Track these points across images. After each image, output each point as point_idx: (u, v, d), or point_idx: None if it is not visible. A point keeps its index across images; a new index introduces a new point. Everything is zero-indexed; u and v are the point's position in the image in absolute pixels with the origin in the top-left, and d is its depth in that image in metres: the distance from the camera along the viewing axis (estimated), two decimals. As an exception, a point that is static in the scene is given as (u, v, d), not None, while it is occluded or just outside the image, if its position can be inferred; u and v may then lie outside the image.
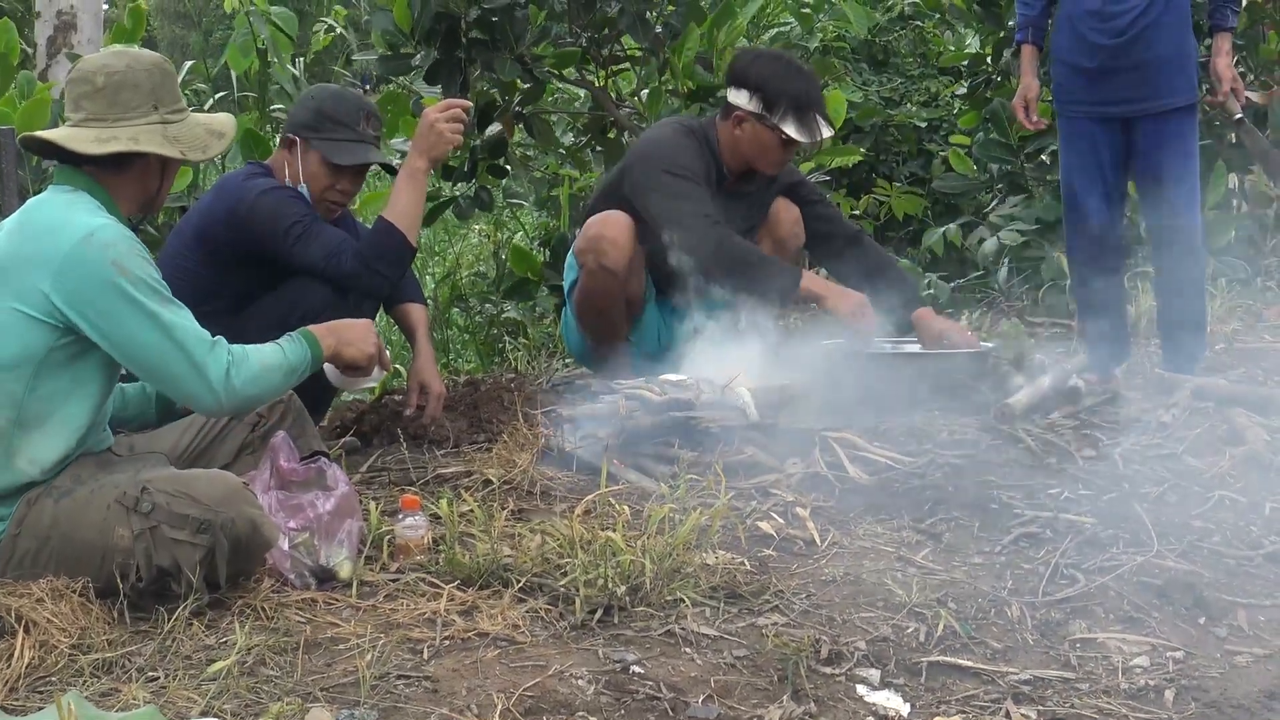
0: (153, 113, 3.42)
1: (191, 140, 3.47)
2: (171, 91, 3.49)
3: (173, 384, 3.33)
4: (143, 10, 6.69)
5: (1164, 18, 5.05)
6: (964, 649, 3.17)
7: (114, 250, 3.24)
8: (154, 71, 3.46)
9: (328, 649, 3.04)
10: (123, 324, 3.24)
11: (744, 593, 3.34)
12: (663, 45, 6.56)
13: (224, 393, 3.31)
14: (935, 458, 4.18)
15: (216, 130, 3.56)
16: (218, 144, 3.56)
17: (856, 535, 3.75)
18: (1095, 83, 5.12)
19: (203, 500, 3.19)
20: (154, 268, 3.33)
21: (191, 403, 3.38)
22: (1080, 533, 3.73)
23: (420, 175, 4.41)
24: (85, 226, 3.26)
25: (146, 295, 3.25)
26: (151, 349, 3.26)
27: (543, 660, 2.98)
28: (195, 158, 3.51)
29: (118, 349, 3.27)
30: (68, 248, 3.23)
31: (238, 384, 3.32)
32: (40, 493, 3.31)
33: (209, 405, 3.36)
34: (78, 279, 3.22)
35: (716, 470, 3.93)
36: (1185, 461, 4.26)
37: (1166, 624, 3.35)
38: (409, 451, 4.34)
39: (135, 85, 3.42)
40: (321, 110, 4.50)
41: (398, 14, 6.29)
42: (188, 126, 3.48)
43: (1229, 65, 5.23)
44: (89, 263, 3.22)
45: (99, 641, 3.03)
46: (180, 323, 3.29)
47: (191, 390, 3.32)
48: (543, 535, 3.49)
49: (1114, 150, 5.16)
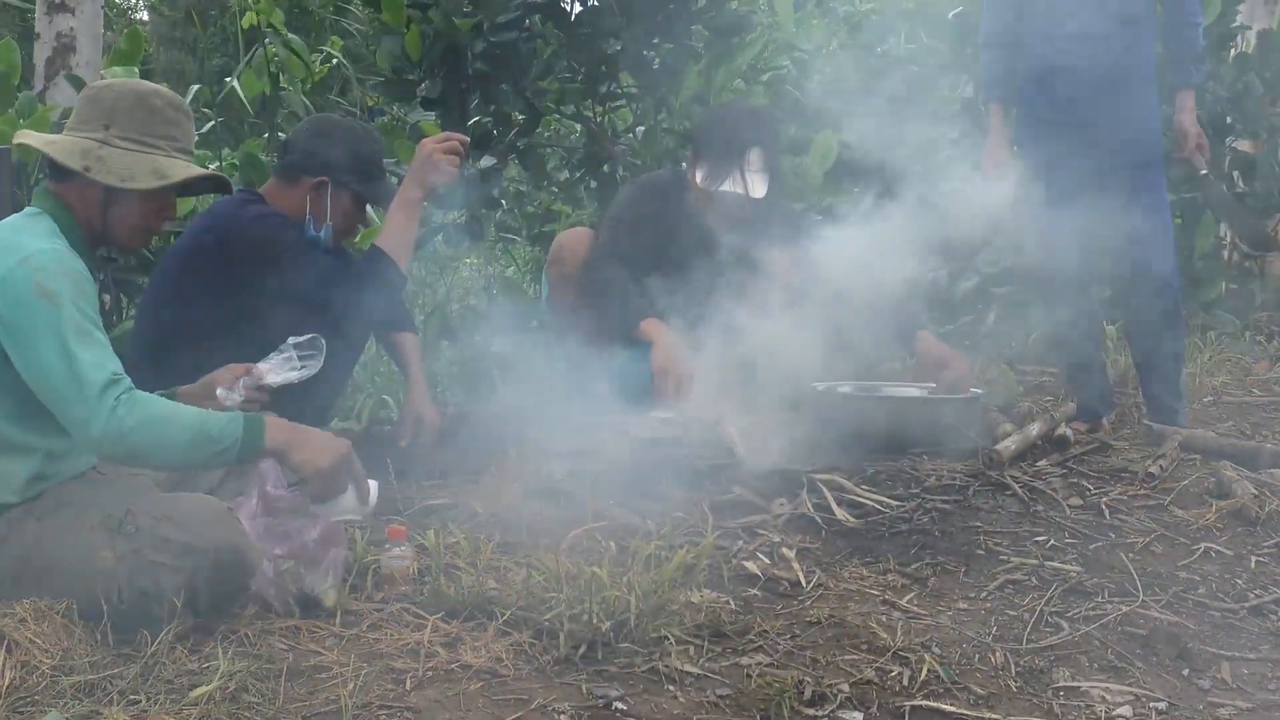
0: (99, 130, 3.42)
1: (119, 167, 3.39)
2: (138, 121, 3.44)
3: (60, 408, 3.21)
4: (140, 34, 6.69)
5: (1130, 75, 5.09)
6: (947, 694, 3.17)
7: (43, 274, 3.21)
8: (125, 96, 3.46)
9: (310, 677, 3.02)
10: (31, 344, 3.19)
11: (728, 632, 3.33)
12: (661, 84, 6.59)
13: (105, 427, 3.17)
14: (922, 502, 4.19)
15: (163, 172, 3.43)
16: (148, 180, 3.41)
17: (842, 577, 3.75)
18: (1064, 135, 5.15)
19: (187, 524, 3.17)
20: (88, 300, 3.27)
21: (73, 430, 3.23)
22: (1066, 581, 3.73)
23: (414, 205, 4.42)
24: (26, 249, 3.25)
25: (62, 322, 3.18)
26: (48, 372, 3.19)
27: (525, 694, 2.97)
28: (101, 178, 3.38)
29: (23, 368, 3.22)
30: (4, 271, 3.22)
31: (127, 423, 3.18)
32: (23, 512, 3.29)
33: (88, 435, 3.20)
34: (7, 300, 3.21)
35: (703, 509, 3.93)
36: (1172, 513, 4.27)
37: (1150, 674, 3.35)
38: (396, 481, 4.33)
39: (96, 101, 3.46)
40: (358, 153, 4.50)
41: (409, 43, 6.30)
42: (132, 156, 3.41)
43: (1193, 122, 5.26)
44: (17, 283, 3.20)
45: (81, 663, 3.01)
46: (84, 355, 3.19)
47: (75, 416, 3.19)
48: (528, 569, 3.49)
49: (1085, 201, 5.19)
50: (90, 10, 7.79)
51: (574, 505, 4.11)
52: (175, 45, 15.18)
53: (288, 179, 4.54)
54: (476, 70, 6.29)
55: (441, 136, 4.51)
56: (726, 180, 5.00)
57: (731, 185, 5.01)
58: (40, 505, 3.31)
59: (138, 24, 16.05)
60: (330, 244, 4.49)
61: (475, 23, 6.17)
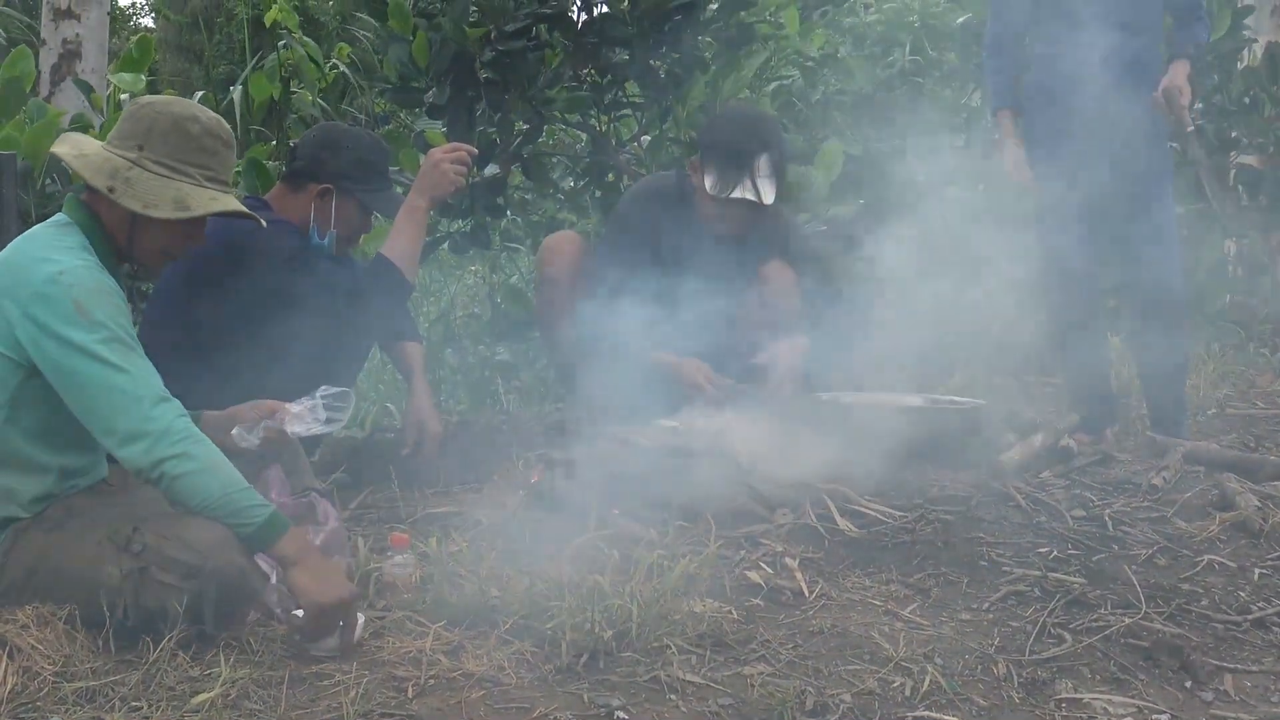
0: (132, 149, 3.38)
1: (143, 190, 3.35)
2: (172, 145, 3.39)
3: (101, 432, 3.19)
4: (151, 41, 6.71)
5: (1138, 86, 5.09)
6: (949, 705, 3.16)
7: (79, 290, 3.19)
8: (162, 118, 3.41)
9: (312, 684, 3.03)
10: (72, 364, 3.17)
11: (730, 641, 3.33)
12: (667, 93, 6.59)
13: (150, 450, 3.15)
14: (926, 513, 4.19)
15: (185, 203, 3.38)
16: (168, 210, 3.36)
17: (845, 588, 3.75)
18: (1070, 146, 5.15)
19: (194, 545, 3.15)
20: (123, 314, 3.26)
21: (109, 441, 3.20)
22: (1068, 593, 3.73)
23: (420, 214, 4.42)
24: (57, 265, 3.23)
25: (102, 339, 3.17)
26: (92, 394, 3.17)
27: (527, 703, 2.98)
28: (122, 200, 3.33)
29: (63, 389, 3.19)
30: (37, 284, 3.20)
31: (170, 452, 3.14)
32: (30, 523, 3.30)
33: (131, 456, 3.18)
34: (43, 317, 3.18)
35: (706, 518, 3.93)
36: (1175, 525, 4.26)
37: (1153, 686, 3.35)
38: (400, 489, 4.33)
39: (136, 119, 3.42)
40: (364, 161, 4.50)
41: (416, 49, 6.31)
42: (159, 182, 3.36)
43: (1185, 80, 5.16)
44: (53, 300, 3.18)
45: (83, 669, 3.02)
46: (130, 373, 3.18)
47: (116, 439, 3.17)
48: (531, 577, 3.48)
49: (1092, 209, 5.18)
50: (96, 17, 7.82)
51: (577, 513, 4.12)
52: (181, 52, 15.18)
53: (294, 186, 4.54)
54: (484, 78, 6.29)
55: (449, 146, 4.51)
56: (736, 188, 4.99)
57: (741, 192, 4.99)
58: (47, 517, 3.31)
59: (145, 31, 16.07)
60: (334, 252, 4.49)
61: (484, 31, 6.17)
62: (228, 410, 3.67)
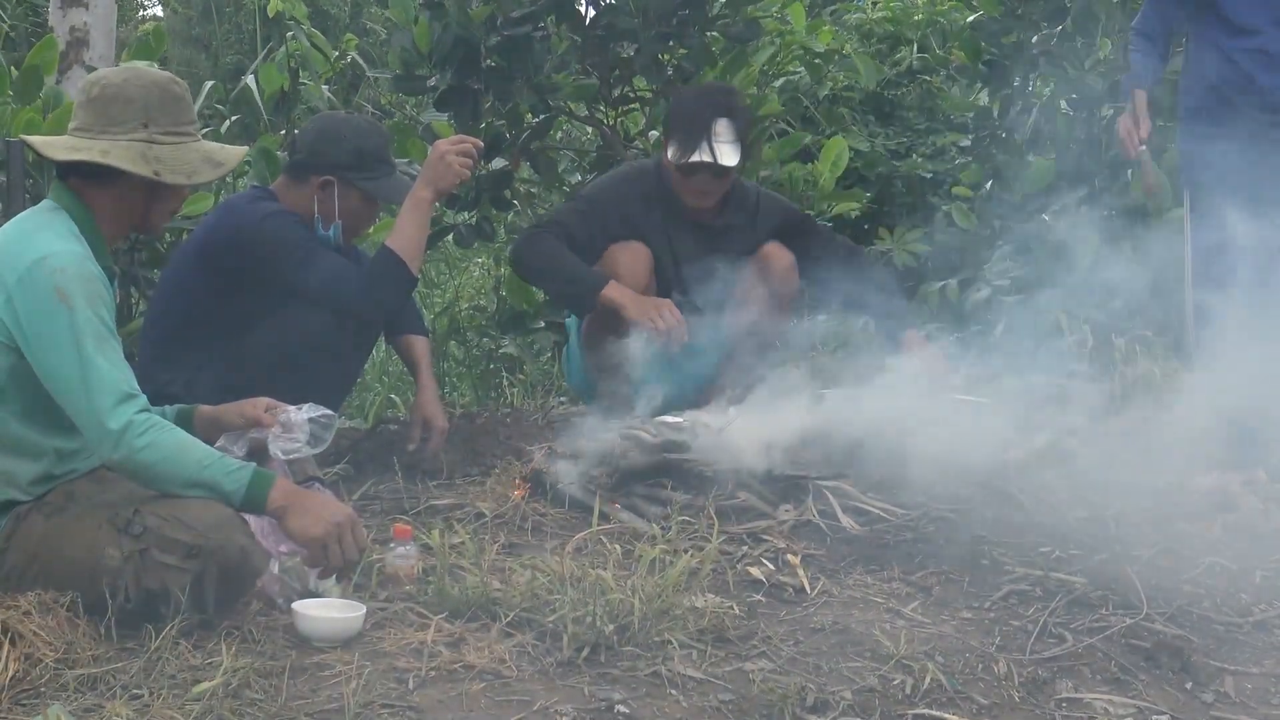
0: (139, 130, 3.37)
1: (177, 163, 3.38)
2: (171, 113, 3.41)
3: (75, 418, 3.24)
4: (163, 30, 6.72)
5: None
6: (950, 703, 3.17)
7: (62, 276, 3.20)
8: (152, 89, 3.41)
9: (313, 674, 3.03)
10: (47, 347, 3.20)
11: (732, 637, 3.33)
12: (674, 88, 6.59)
13: (116, 443, 3.17)
14: (928, 511, 4.18)
15: (216, 159, 3.46)
16: (209, 171, 3.44)
17: (846, 585, 3.75)
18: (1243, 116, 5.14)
19: (194, 526, 3.16)
20: (104, 305, 3.27)
21: (85, 433, 3.25)
22: (1070, 592, 3.72)
23: (425, 205, 4.41)
24: (45, 248, 3.24)
25: (80, 327, 3.18)
26: (65, 380, 3.19)
27: (528, 696, 2.98)
28: (173, 180, 3.38)
29: (39, 369, 3.22)
30: (22, 269, 3.22)
31: (137, 445, 3.17)
32: (30, 508, 3.30)
33: (101, 450, 3.23)
34: (25, 300, 3.21)
35: (709, 514, 3.93)
36: (1177, 526, 4.25)
37: (1153, 687, 3.35)
38: (403, 481, 4.33)
39: (127, 100, 3.38)
40: (363, 150, 4.48)
41: (418, 36, 6.30)
42: (181, 150, 3.40)
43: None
44: (36, 284, 3.20)
45: (84, 656, 3.03)
46: (100, 363, 3.19)
47: (87, 430, 3.23)
48: (533, 570, 3.49)
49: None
50: (104, 4, 7.82)
51: (579, 507, 4.12)
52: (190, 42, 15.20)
53: (296, 178, 4.53)
54: (488, 64, 6.28)
55: (455, 139, 4.50)
56: (694, 152, 4.99)
57: (700, 155, 5.00)
58: (48, 502, 3.31)
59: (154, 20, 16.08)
60: (339, 243, 4.49)
61: (489, 11, 6.16)
62: (219, 408, 3.69)
